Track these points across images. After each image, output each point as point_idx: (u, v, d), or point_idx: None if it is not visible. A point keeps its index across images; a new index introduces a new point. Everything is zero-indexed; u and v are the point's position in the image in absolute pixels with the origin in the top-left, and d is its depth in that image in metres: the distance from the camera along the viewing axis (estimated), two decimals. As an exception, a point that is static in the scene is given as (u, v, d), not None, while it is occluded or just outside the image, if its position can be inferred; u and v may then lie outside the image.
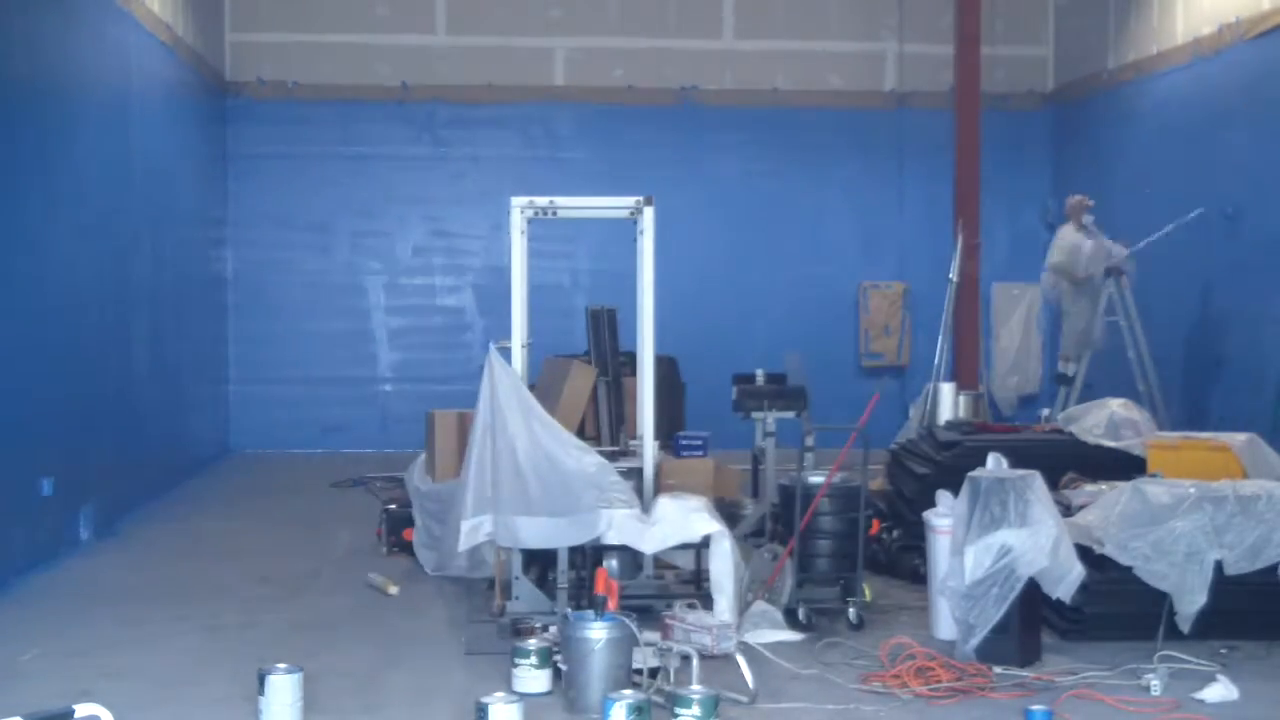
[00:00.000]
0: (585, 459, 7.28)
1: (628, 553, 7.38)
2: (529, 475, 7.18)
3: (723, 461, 9.34)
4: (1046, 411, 11.20)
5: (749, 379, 9.23)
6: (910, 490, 9.01)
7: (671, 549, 7.33)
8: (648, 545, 7.19)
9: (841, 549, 7.53)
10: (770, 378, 9.28)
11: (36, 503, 8.78)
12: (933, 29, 15.44)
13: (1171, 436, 8.95)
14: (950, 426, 9.99)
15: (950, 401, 11.04)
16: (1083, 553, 6.81)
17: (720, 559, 7.03)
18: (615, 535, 7.11)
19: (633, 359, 8.00)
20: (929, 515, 7.43)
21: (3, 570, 8.18)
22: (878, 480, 9.54)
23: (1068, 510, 7.51)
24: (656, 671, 6.03)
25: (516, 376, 7.47)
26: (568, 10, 15.68)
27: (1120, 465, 8.59)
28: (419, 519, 9.10)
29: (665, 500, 7.33)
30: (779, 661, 6.63)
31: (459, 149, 15.66)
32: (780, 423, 8.83)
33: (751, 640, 6.89)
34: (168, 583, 8.58)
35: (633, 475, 7.58)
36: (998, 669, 6.40)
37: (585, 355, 8.71)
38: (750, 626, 7.05)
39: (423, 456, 9.48)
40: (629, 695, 5.53)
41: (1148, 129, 13.70)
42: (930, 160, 14.86)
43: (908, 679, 6.24)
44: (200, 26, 13.95)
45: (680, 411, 10.66)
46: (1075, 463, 8.62)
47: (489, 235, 15.34)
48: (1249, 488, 7.16)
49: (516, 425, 7.25)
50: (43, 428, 8.91)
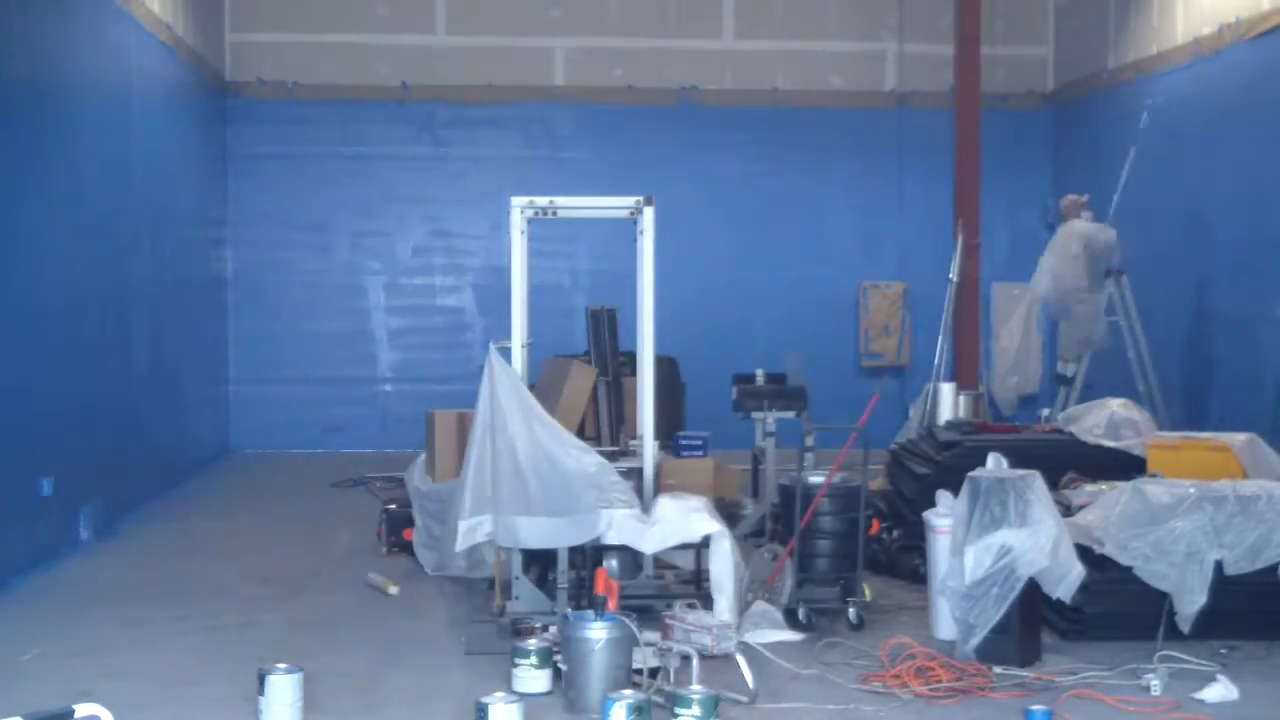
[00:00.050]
0: (585, 459, 7.27)
1: (628, 553, 7.37)
2: (529, 475, 7.17)
3: (723, 461, 9.33)
4: (1046, 411, 11.18)
5: (749, 379, 9.22)
6: (910, 490, 9.01)
7: (671, 549, 7.32)
8: (648, 545, 7.19)
9: (841, 549, 7.53)
10: (770, 378, 9.27)
11: (36, 503, 8.78)
12: (933, 29, 15.43)
13: (1171, 436, 8.94)
14: (950, 426, 9.98)
15: (950, 401, 11.02)
16: (1083, 553, 6.80)
17: (720, 559, 7.02)
18: (615, 535, 7.10)
19: (633, 359, 8.00)
20: (929, 515, 7.42)
21: (3, 570, 8.18)
22: (878, 480, 9.53)
23: (1068, 510, 7.50)
24: (656, 671, 6.03)
25: (516, 376, 7.47)
26: (568, 10, 15.67)
27: (1120, 465, 8.58)
28: (419, 519, 9.09)
29: (665, 500, 7.33)
30: (779, 661, 6.63)
31: (459, 149, 15.65)
32: (780, 423, 8.82)
33: (751, 640, 6.88)
34: (168, 583, 8.58)
35: (633, 475, 7.58)
36: (998, 669, 6.40)
37: (585, 355, 8.70)
38: (750, 626, 7.05)
39: (423, 456, 9.48)
40: (629, 695, 5.53)
41: (1148, 129, 13.68)
42: (930, 160, 14.84)
43: (908, 679, 6.24)
44: (200, 26, 13.94)
45: (680, 411, 10.65)
46: (1075, 463, 8.61)
47: (489, 235, 15.33)
48: (1249, 488, 7.15)
49: (516, 425, 7.25)
50: (43, 428, 8.91)
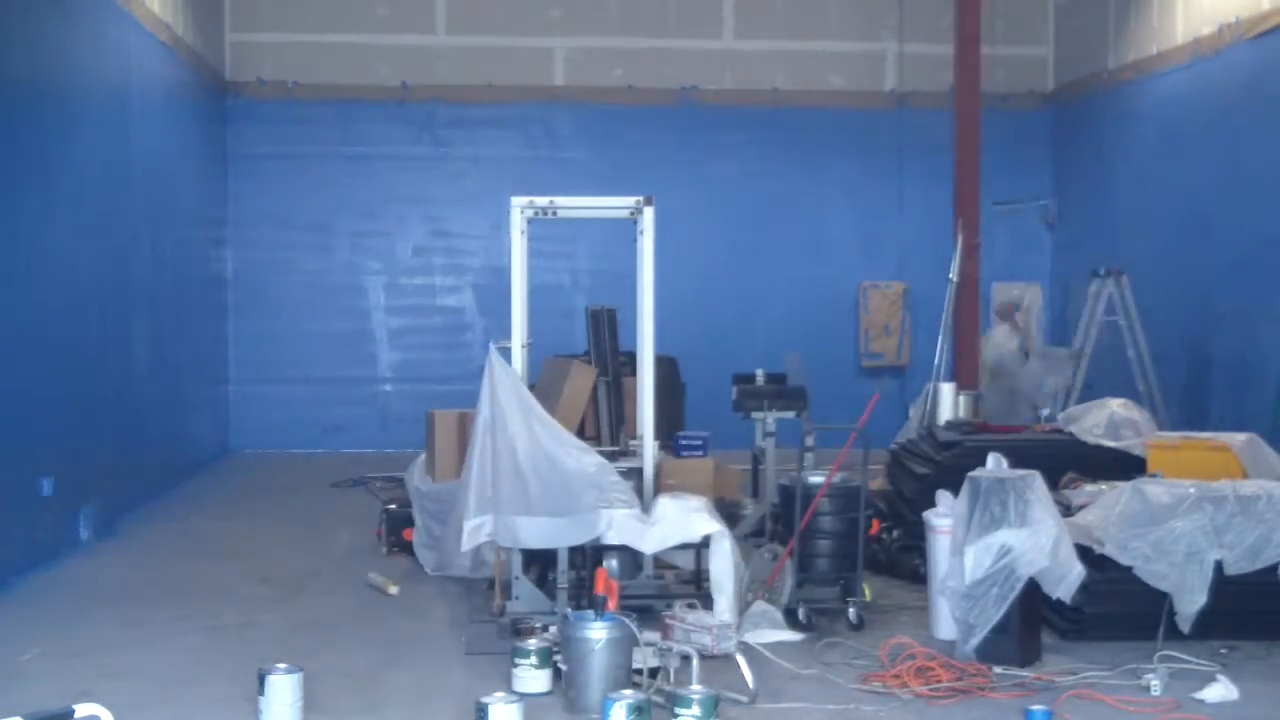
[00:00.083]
0: (585, 459, 7.28)
1: (628, 553, 7.37)
2: (529, 475, 7.18)
3: (723, 461, 9.33)
4: (1047, 411, 11.19)
5: (749, 379, 9.22)
6: (910, 490, 9.01)
7: (671, 549, 7.33)
8: (648, 545, 7.19)
9: (841, 549, 7.53)
10: (770, 378, 9.27)
11: (36, 503, 8.78)
12: (933, 29, 15.43)
13: (1171, 436, 8.94)
14: (950, 426, 9.98)
15: (950, 401, 11.02)
16: (1083, 553, 6.81)
17: (720, 559, 7.02)
18: (615, 535, 7.11)
19: (633, 359, 8.00)
20: (929, 515, 7.42)
21: (3, 570, 8.18)
22: (878, 480, 9.54)
23: (1068, 510, 7.50)
24: (656, 671, 6.03)
25: (516, 376, 7.47)
26: (568, 10, 15.68)
27: (1120, 465, 8.59)
28: (419, 519, 9.09)
29: (665, 500, 7.33)
30: (779, 661, 6.63)
31: (459, 149, 15.66)
32: (780, 423, 8.82)
33: (751, 640, 6.88)
34: (168, 583, 8.58)
35: (633, 475, 7.58)
36: (998, 669, 6.40)
37: (585, 355, 8.70)
38: (750, 626, 7.05)
39: (423, 456, 9.48)
40: (629, 695, 5.53)
41: (1148, 129, 13.69)
42: (930, 160, 14.85)
43: (908, 679, 6.24)
44: (200, 26, 13.95)
45: (680, 411, 10.65)
46: (1075, 463, 8.61)
47: (489, 235, 15.34)
48: (1249, 488, 7.16)
49: (517, 425, 7.25)
50: (43, 428, 8.91)
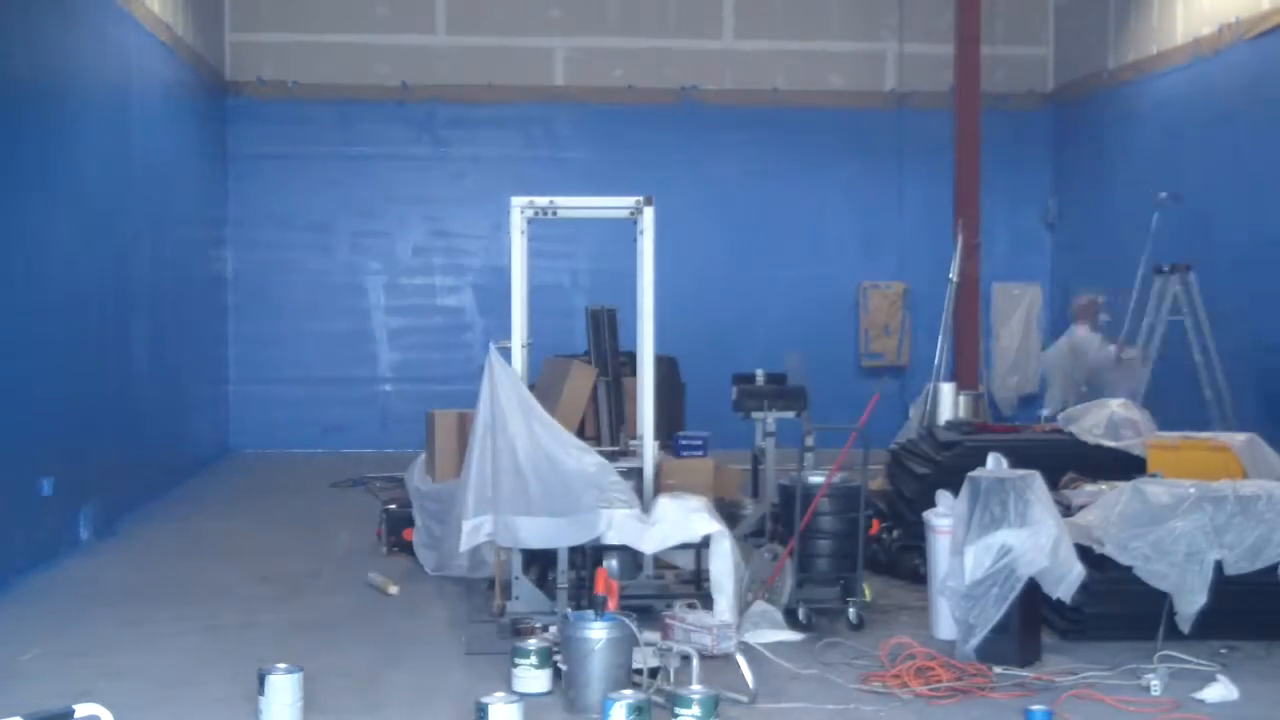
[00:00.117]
0: (585, 459, 7.27)
1: (628, 553, 7.37)
2: (529, 475, 7.18)
3: (723, 461, 9.33)
4: (1046, 411, 11.19)
5: (749, 379, 9.22)
6: (910, 490, 9.01)
7: (671, 549, 7.32)
8: (648, 545, 7.19)
9: (841, 549, 7.53)
10: (770, 378, 9.27)
11: (36, 503, 8.78)
12: (933, 29, 15.43)
13: (1171, 436, 8.93)
14: (950, 426, 9.98)
15: (950, 401, 11.03)
16: (1083, 553, 6.80)
17: (720, 559, 7.02)
18: (615, 535, 7.10)
19: (633, 359, 8.00)
20: (929, 515, 7.42)
21: (3, 570, 8.18)
22: (878, 480, 9.53)
23: (1068, 510, 7.50)
24: (656, 671, 6.03)
25: (516, 376, 7.47)
26: (568, 10, 15.68)
27: (1120, 465, 8.59)
28: (419, 519, 9.09)
29: (665, 500, 7.32)
30: (779, 661, 6.63)
31: (459, 149, 15.66)
32: (780, 423, 8.81)
33: (751, 640, 6.88)
34: (168, 583, 8.58)
35: (633, 475, 7.57)
36: (998, 669, 6.40)
37: (585, 355, 8.70)
38: (750, 626, 7.05)
39: (423, 456, 9.48)
40: (629, 695, 5.53)
41: (1148, 129, 13.69)
42: (930, 160, 14.85)
43: (908, 679, 6.24)
44: (200, 26, 13.95)
45: (680, 411, 10.65)
46: (1075, 463, 8.61)
47: (489, 235, 15.34)
48: (1249, 488, 7.16)
49: (516, 425, 7.25)
50: (43, 428, 8.91)
